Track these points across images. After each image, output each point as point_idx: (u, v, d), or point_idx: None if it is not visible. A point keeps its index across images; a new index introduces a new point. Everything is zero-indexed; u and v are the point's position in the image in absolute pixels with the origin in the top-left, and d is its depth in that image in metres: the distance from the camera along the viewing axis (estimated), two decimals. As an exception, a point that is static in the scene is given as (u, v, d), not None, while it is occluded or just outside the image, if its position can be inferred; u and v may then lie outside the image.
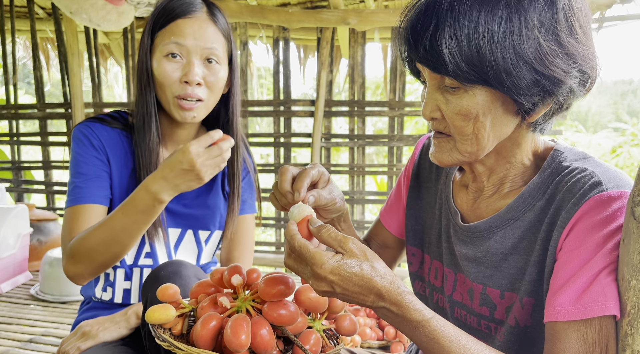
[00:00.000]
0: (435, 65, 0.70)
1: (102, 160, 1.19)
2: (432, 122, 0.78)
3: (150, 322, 0.80)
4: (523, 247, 0.79)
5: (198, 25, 1.14)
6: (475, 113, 0.72)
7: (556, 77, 0.69)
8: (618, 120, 13.86)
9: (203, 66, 1.14)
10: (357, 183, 3.63)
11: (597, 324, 0.67)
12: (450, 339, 0.67)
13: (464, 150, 0.76)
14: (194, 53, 1.12)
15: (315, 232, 0.70)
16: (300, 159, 8.98)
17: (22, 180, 3.91)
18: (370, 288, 0.66)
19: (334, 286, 0.66)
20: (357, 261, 0.66)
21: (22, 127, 3.87)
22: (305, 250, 0.66)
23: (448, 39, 0.68)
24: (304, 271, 0.68)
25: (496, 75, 0.68)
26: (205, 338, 0.76)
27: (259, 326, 0.75)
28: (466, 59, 0.68)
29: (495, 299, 0.82)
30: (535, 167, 0.82)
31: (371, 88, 10.86)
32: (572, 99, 0.74)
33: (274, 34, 3.49)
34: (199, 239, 1.30)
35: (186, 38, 1.12)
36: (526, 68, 0.68)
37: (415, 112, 3.50)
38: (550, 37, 0.68)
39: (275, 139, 3.59)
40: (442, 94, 0.75)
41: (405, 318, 0.67)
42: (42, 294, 2.63)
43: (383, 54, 3.87)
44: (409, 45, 0.73)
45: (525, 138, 0.80)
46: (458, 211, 0.90)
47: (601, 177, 0.70)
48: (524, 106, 0.72)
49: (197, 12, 1.15)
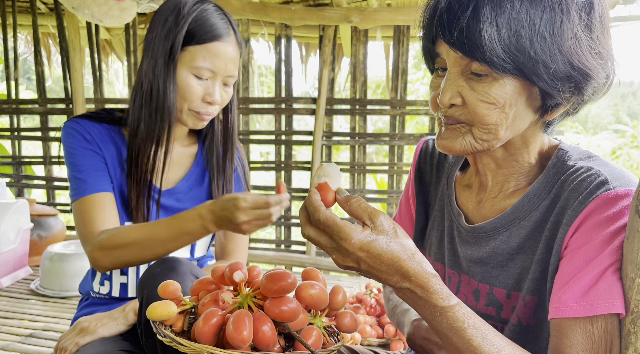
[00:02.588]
0: (470, 49, 0.67)
1: (97, 152, 1.20)
2: (447, 109, 0.75)
3: (152, 318, 0.80)
4: (529, 247, 0.79)
5: (229, 50, 1.18)
6: (503, 103, 0.70)
7: (588, 74, 0.69)
8: (618, 122, 13.86)
9: (221, 87, 1.21)
10: (358, 181, 3.63)
11: (602, 321, 0.67)
12: (472, 328, 0.65)
13: (480, 137, 0.74)
14: (219, 76, 1.18)
15: (343, 202, 0.67)
16: (301, 157, 8.98)
17: (23, 175, 3.91)
18: (397, 268, 0.64)
19: (359, 262, 0.64)
20: (387, 237, 0.64)
21: (22, 123, 3.87)
22: (333, 222, 0.63)
23: (488, 23, 0.65)
24: (328, 244, 0.65)
25: (533, 66, 0.67)
26: (207, 334, 0.76)
27: (261, 322, 0.75)
28: (504, 45, 0.66)
29: (501, 299, 0.82)
30: (540, 166, 0.82)
31: (372, 87, 10.85)
32: (591, 100, 0.74)
33: (276, 32, 3.49)
34: None
35: (219, 63, 1.17)
36: (562, 61, 0.67)
37: (417, 112, 3.50)
38: (587, 33, 0.68)
39: (276, 136, 3.59)
40: (467, 81, 0.72)
41: (429, 302, 0.66)
42: (42, 289, 2.63)
43: (385, 53, 3.87)
44: (441, 25, 0.69)
45: (536, 137, 0.80)
46: (462, 212, 0.89)
47: (608, 176, 0.70)
48: (553, 101, 0.71)
49: (229, 36, 1.19)
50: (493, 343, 0.66)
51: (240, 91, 3.53)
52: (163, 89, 1.15)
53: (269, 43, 3.70)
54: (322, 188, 0.68)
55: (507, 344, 0.67)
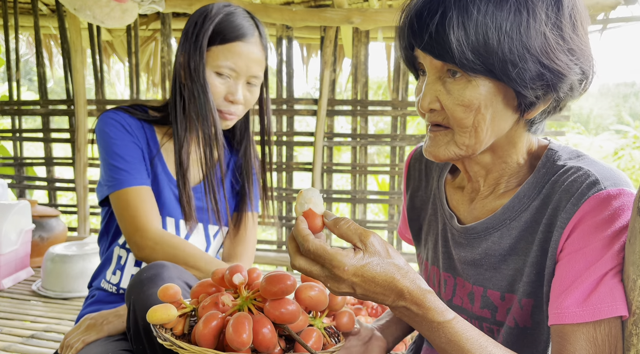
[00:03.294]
0: (440, 53, 0.69)
1: (137, 144, 1.24)
2: (429, 114, 0.77)
3: (152, 322, 0.80)
4: (521, 248, 0.79)
5: (253, 51, 1.21)
6: (477, 104, 0.71)
7: (560, 71, 0.69)
8: (620, 122, 13.83)
9: (245, 87, 1.23)
10: (359, 183, 3.63)
11: (606, 325, 0.67)
12: (470, 341, 0.66)
13: (462, 143, 0.75)
14: (242, 76, 1.21)
15: (332, 225, 0.67)
16: (302, 158, 8.98)
17: (24, 176, 3.91)
18: (392, 288, 0.64)
19: (355, 287, 0.64)
20: (379, 259, 0.64)
21: (24, 124, 3.87)
22: (323, 251, 0.63)
23: (455, 27, 0.67)
24: (321, 273, 0.65)
25: (502, 66, 0.68)
26: (207, 337, 0.76)
27: (261, 324, 0.75)
28: (473, 48, 0.67)
29: (496, 301, 0.82)
30: (530, 166, 0.82)
31: (373, 88, 10.84)
32: (570, 97, 0.74)
33: (277, 33, 3.49)
34: (207, 234, 1.33)
35: (241, 63, 1.20)
36: (532, 60, 0.68)
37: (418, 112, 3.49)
38: (555, 31, 0.68)
39: (277, 137, 3.59)
40: (443, 85, 0.73)
41: (426, 318, 0.66)
42: (44, 290, 2.63)
43: (386, 54, 3.87)
44: (412, 31, 0.72)
45: (521, 137, 0.80)
46: (453, 213, 0.89)
47: (598, 175, 0.70)
48: (526, 100, 0.71)
49: (253, 37, 1.22)
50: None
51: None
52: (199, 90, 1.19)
53: (270, 44, 3.70)
54: (307, 215, 0.68)
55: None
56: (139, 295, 0.98)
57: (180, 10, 3.37)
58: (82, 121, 3.58)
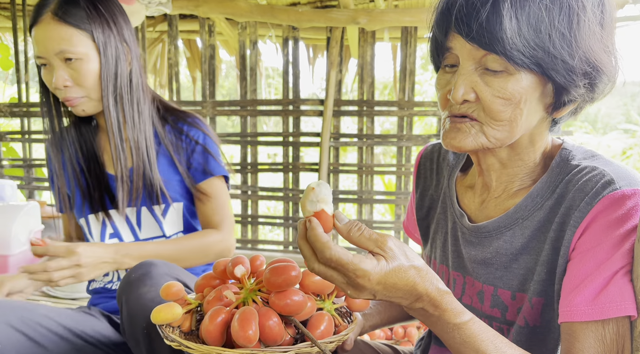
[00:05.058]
0: (490, 42, 0.67)
1: None
2: (458, 105, 0.74)
3: (157, 322, 0.79)
4: (532, 247, 0.78)
5: (44, 31, 1.14)
6: (519, 98, 0.70)
7: (602, 70, 0.69)
8: (628, 121, 13.72)
9: (65, 67, 1.15)
10: (366, 183, 3.63)
11: (614, 324, 0.67)
12: (486, 342, 0.65)
13: (493, 136, 0.74)
14: (52, 59, 1.14)
15: (345, 231, 0.63)
16: (308, 158, 8.96)
17: (34, 177, 3.94)
18: (412, 292, 0.63)
19: (376, 294, 0.63)
20: (401, 265, 0.62)
21: (33, 125, 3.91)
22: (348, 260, 0.60)
23: (508, 17, 0.65)
24: (341, 280, 0.62)
25: (551, 62, 0.67)
26: (214, 333, 0.75)
27: (267, 317, 0.73)
28: (524, 40, 0.66)
29: (506, 301, 0.82)
30: (544, 165, 0.81)
31: (379, 88, 10.83)
32: (601, 95, 0.74)
33: (283, 34, 3.49)
34: (155, 214, 1.32)
35: (42, 47, 1.14)
36: (580, 57, 0.67)
37: (425, 113, 3.49)
38: (600, 29, 0.68)
39: (283, 138, 3.60)
40: (480, 76, 0.72)
41: (442, 319, 0.66)
42: (53, 291, 2.65)
43: (393, 54, 3.87)
44: (459, 18, 0.69)
45: (542, 135, 0.80)
46: (464, 212, 0.89)
47: (613, 175, 0.70)
48: (568, 96, 0.71)
49: (43, 16, 1.14)
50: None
51: (248, 93, 3.54)
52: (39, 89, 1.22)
53: (276, 45, 3.71)
54: (319, 216, 0.64)
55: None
56: (129, 296, 0.98)
57: (187, 12, 3.39)
58: (90, 123, 3.61)
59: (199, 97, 3.69)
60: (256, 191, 3.68)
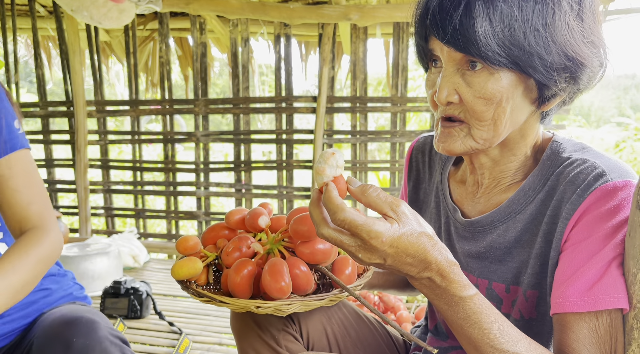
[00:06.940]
0: (465, 45, 0.67)
1: None
2: (444, 107, 0.75)
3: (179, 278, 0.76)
4: (525, 240, 0.79)
5: None
6: (499, 97, 0.70)
7: (583, 63, 0.69)
8: (621, 115, 13.78)
9: None
10: (360, 179, 3.62)
11: (607, 316, 0.67)
12: (489, 319, 0.65)
13: (480, 137, 0.74)
14: None
15: (359, 193, 0.63)
16: (303, 155, 8.96)
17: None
18: (422, 259, 0.62)
19: (386, 258, 0.62)
20: (413, 229, 0.61)
21: (24, 126, 3.87)
22: (362, 222, 0.59)
23: (481, 19, 0.65)
24: (351, 243, 0.61)
25: (528, 58, 0.67)
26: (243, 286, 0.73)
27: (295, 266, 0.72)
28: (498, 40, 0.66)
29: (501, 294, 0.82)
30: (535, 159, 0.82)
31: (372, 84, 10.82)
32: (586, 88, 0.74)
33: (275, 31, 3.48)
34: None
35: None
36: (557, 52, 0.67)
37: (418, 108, 3.49)
38: (579, 22, 0.68)
39: (277, 135, 3.59)
40: (462, 77, 0.72)
41: (448, 291, 0.65)
42: (46, 292, 2.64)
43: (385, 50, 3.86)
44: (434, 23, 0.70)
45: (533, 129, 0.80)
46: (457, 207, 0.89)
47: (604, 167, 0.70)
48: (548, 92, 0.71)
49: None
50: (510, 335, 0.65)
51: (241, 91, 3.53)
52: None
53: (268, 42, 3.69)
54: (336, 181, 0.64)
55: (522, 337, 0.67)
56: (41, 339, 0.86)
57: (177, 10, 3.37)
58: (81, 122, 3.59)
59: (192, 96, 3.67)
60: (250, 189, 3.67)
